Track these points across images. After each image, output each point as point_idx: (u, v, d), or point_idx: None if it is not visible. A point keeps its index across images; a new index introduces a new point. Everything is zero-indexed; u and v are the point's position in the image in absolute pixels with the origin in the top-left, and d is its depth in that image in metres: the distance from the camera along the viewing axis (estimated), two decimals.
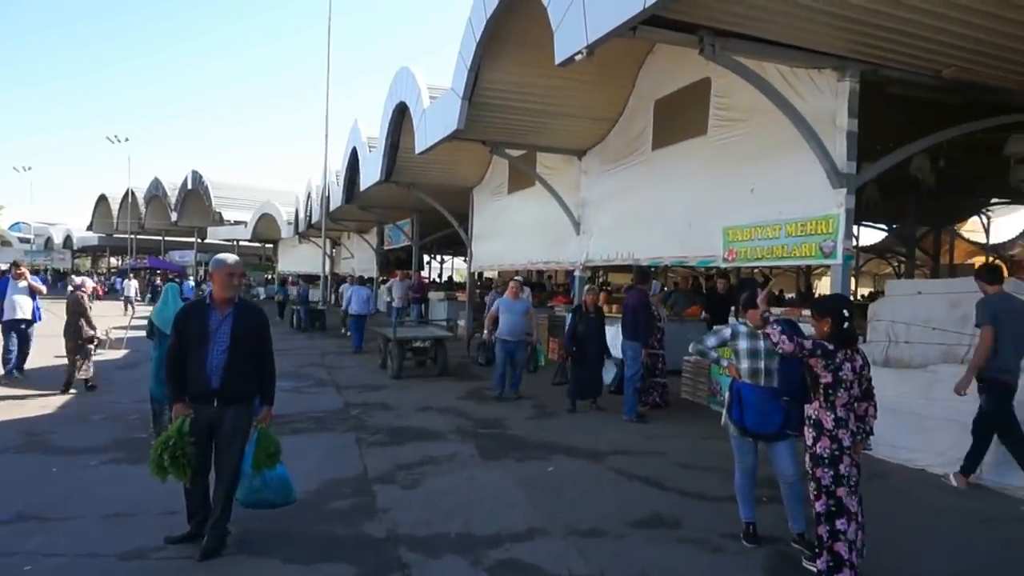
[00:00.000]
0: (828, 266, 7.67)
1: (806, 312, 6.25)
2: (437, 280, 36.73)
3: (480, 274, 22.92)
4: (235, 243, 39.83)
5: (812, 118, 7.16)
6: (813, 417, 3.89)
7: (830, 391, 3.81)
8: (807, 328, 4.39)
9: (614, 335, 9.19)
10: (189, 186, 38.63)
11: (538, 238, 14.29)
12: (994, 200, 16.93)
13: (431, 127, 11.82)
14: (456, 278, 35.57)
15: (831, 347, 3.82)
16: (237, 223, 38.08)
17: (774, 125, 7.68)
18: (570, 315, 9.44)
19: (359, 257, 30.80)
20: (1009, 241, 21.67)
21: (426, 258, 37.07)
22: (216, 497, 4.25)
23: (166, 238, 49.04)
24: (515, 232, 15.53)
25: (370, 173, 16.97)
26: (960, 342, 6.53)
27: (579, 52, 6.88)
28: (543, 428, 7.87)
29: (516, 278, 14.66)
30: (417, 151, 12.58)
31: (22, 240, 60.01)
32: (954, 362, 6.45)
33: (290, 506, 4.57)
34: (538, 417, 8.44)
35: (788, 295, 21.67)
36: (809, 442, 3.91)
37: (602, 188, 12.04)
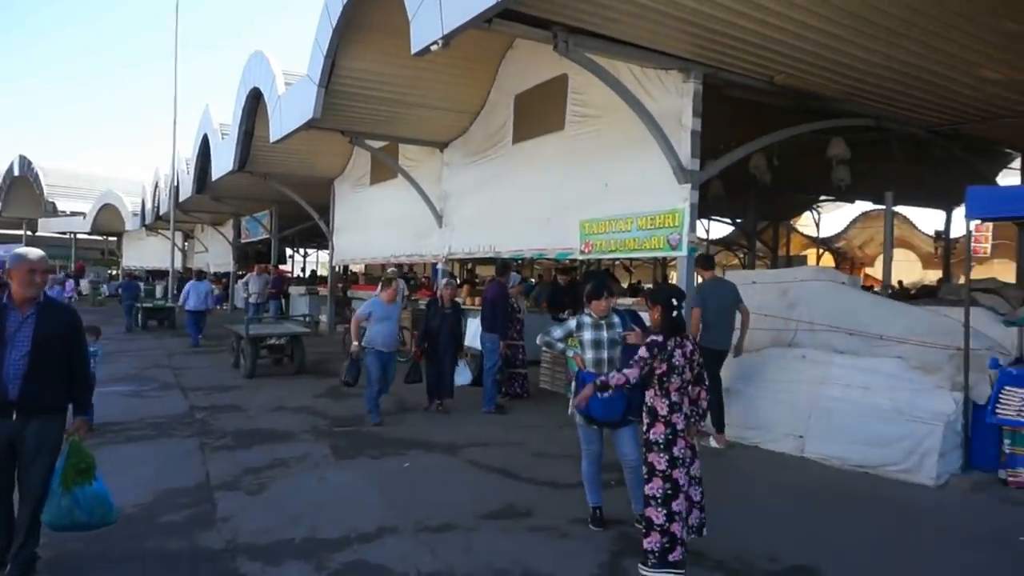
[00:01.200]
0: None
1: None
2: (301, 274, 35.37)
3: (345, 268, 22.28)
4: (72, 236, 36.34)
5: (660, 117, 7.47)
6: (648, 404, 4.04)
7: (664, 379, 3.97)
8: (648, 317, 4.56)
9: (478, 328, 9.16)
10: (16, 172, 34.80)
11: (401, 231, 14.07)
12: (822, 197, 18.64)
13: (287, 115, 11.29)
14: (321, 272, 34.39)
15: (661, 338, 3.99)
16: (74, 214, 34.74)
17: (626, 122, 7.94)
18: (426, 309, 9.04)
19: (214, 251, 29.06)
20: (835, 235, 24.17)
21: (288, 251, 35.57)
22: (20, 520, 3.78)
23: None
24: (378, 225, 15.20)
25: (223, 162, 15.99)
26: (788, 327, 7.07)
27: (435, 42, 6.80)
28: (401, 424, 7.73)
29: (390, 270, 14.20)
30: (272, 139, 12.00)
31: None
32: (782, 346, 6.98)
33: (111, 526, 4.12)
34: (397, 412, 8.26)
35: (646, 285, 22.79)
36: (644, 428, 4.07)
37: (464, 181, 12.01)
